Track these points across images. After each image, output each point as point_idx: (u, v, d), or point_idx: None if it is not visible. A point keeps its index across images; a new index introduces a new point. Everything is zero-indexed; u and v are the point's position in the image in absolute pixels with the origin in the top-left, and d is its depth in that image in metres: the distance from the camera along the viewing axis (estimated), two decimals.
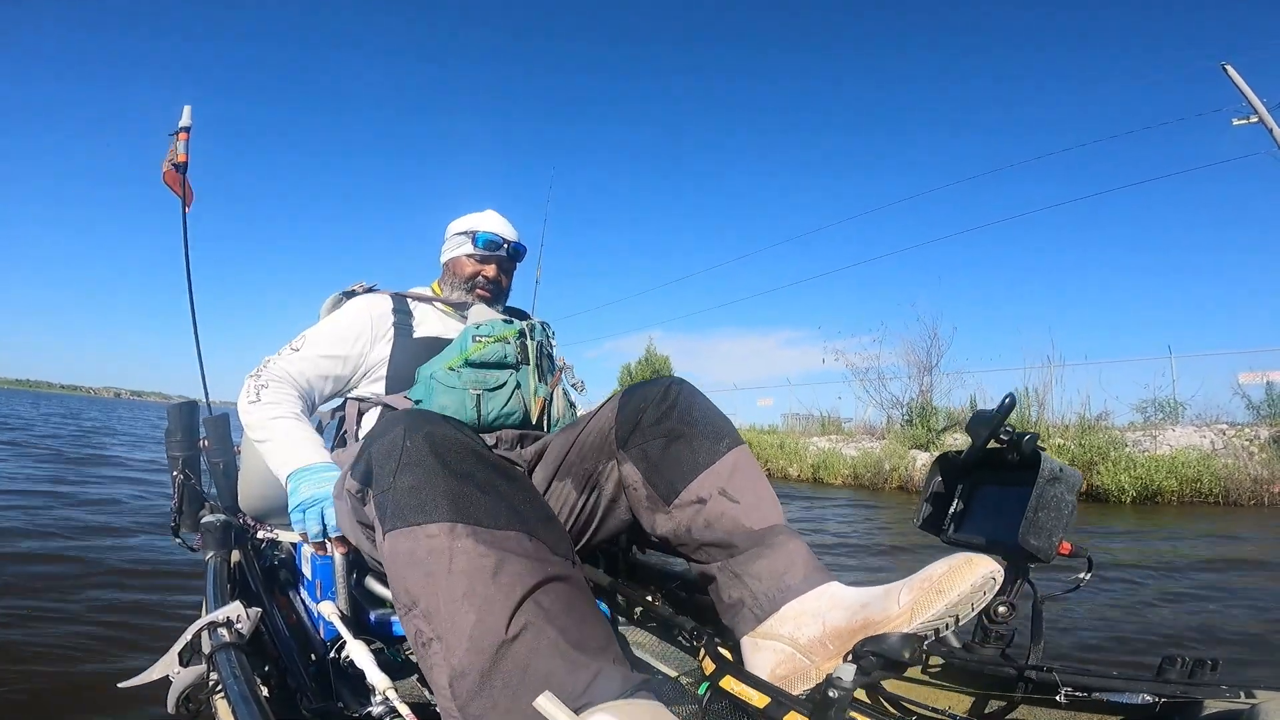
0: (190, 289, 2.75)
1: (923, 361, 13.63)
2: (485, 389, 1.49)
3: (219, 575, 1.52)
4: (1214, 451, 8.99)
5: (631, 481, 1.22)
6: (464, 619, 0.80)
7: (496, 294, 1.77)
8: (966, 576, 0.91)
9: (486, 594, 0.81)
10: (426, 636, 0.82)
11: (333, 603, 1.21)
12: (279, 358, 1.53)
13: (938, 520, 1.24)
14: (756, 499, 1.13)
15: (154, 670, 1.17)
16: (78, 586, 2.98)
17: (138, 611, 2.74)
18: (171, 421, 2.07)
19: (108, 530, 4.26)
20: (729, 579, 1.09)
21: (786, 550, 1.06)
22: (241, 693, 0.91)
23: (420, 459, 0.91)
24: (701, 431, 1.19)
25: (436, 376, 1.49)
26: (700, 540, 1.12)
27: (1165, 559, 4.57)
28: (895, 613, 0.91)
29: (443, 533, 0.85)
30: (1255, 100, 11.94)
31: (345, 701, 1.12)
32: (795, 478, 12.37)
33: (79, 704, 1.95)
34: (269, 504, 1.85)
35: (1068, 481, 1.02)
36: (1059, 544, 1.02)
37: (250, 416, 1.43)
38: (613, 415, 1.28)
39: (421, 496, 0.88)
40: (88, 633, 2.46)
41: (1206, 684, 0.91)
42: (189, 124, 2.64)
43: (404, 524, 0.87)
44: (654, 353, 20.32)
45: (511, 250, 1.78)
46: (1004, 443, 1.09)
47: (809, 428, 15.63)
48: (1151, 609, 3.14)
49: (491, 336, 1.56)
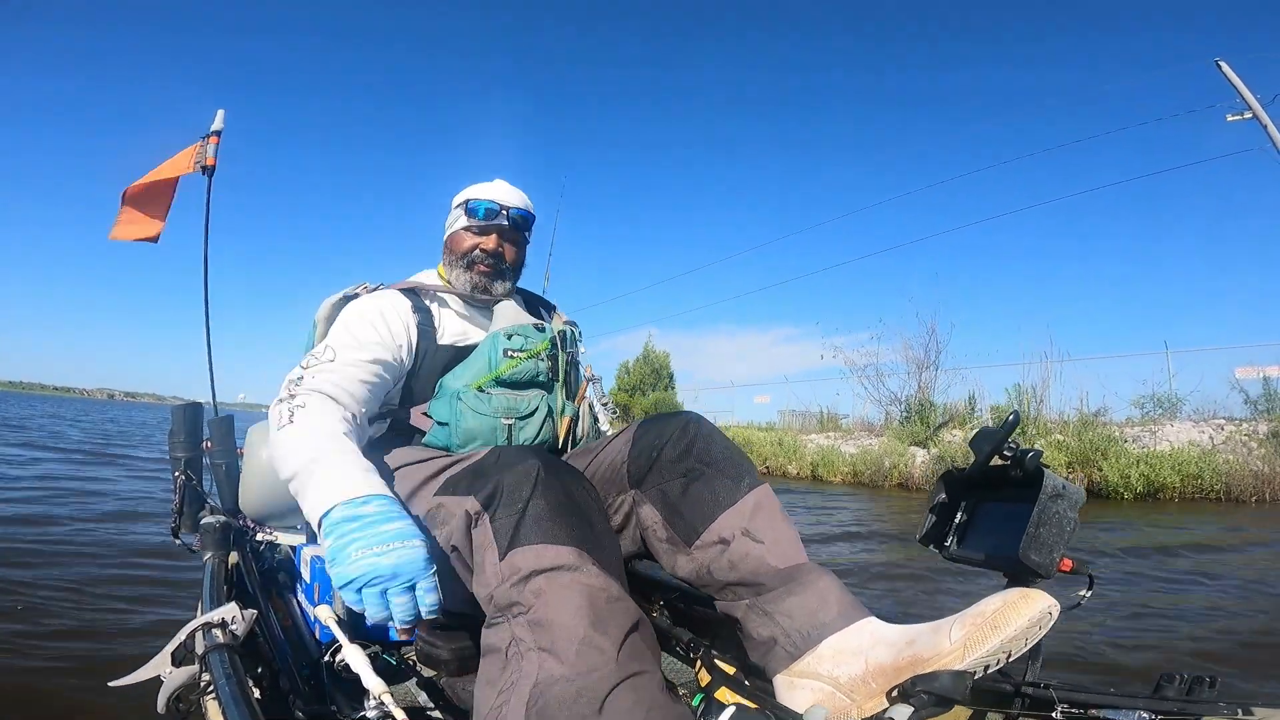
0: (206, 293, 2.75)
1: (921, 358, 13.59)
2: (517, 417, 1.40)
3: (216, 576, 1.52)
4: (1214, 447, 8.95)
5: (650, 523, 1.20)
6: (575, 631, 0.85)
7: (497, 269, 1.52)
8: (1023, 612, 0.87)
9: (601, 616, 0.87)
10: (526, 645, 0.86)
11: (329, 606, 1.21)
12: (309, 373, 1.24)
13: (940, 535, 1.23)
14: (780, 538, 1.10)
15: (146, 669, 1.16)
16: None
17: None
18: (175, 422, 2.07)
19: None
20: (758, 617, 1.05)
21: (818, 587, 1.03)
22: (232, 694, 0.91)
23: (554, 490, 0.98)
24: (721, 471, 1.16)
25: (463, 397, 1.37)
26: (724, 581, 1.10)
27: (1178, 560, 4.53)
28: (946, 649, 0.88)
29: (572, 556, 0.92)
30: (1249, 96, 11.96)
31: (339, 706, 1.11)
32: (794, 476, 12.29)
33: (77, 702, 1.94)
34: (270, 506, 1.85)
35: (1070, 498, 1.01)
36: (1060, 560, 1.01)
37: (284, 441, 1.11)
38: (625, 449, 1.25)
39: (556, 522, 0.94)
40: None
41: (1205, 701, 0.90)
42: (221, 128, 2.64)
43: (537, 542, 0.93)
44: (652, 350, 20.28)
45: (514, 217, 1.52)
46: (1007, 459, 1.08)
47: (806, 425, 15.57)
48: (1153, 618, 3.11)
49: (525, 353, 1.44)
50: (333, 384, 1.22)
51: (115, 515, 4.76)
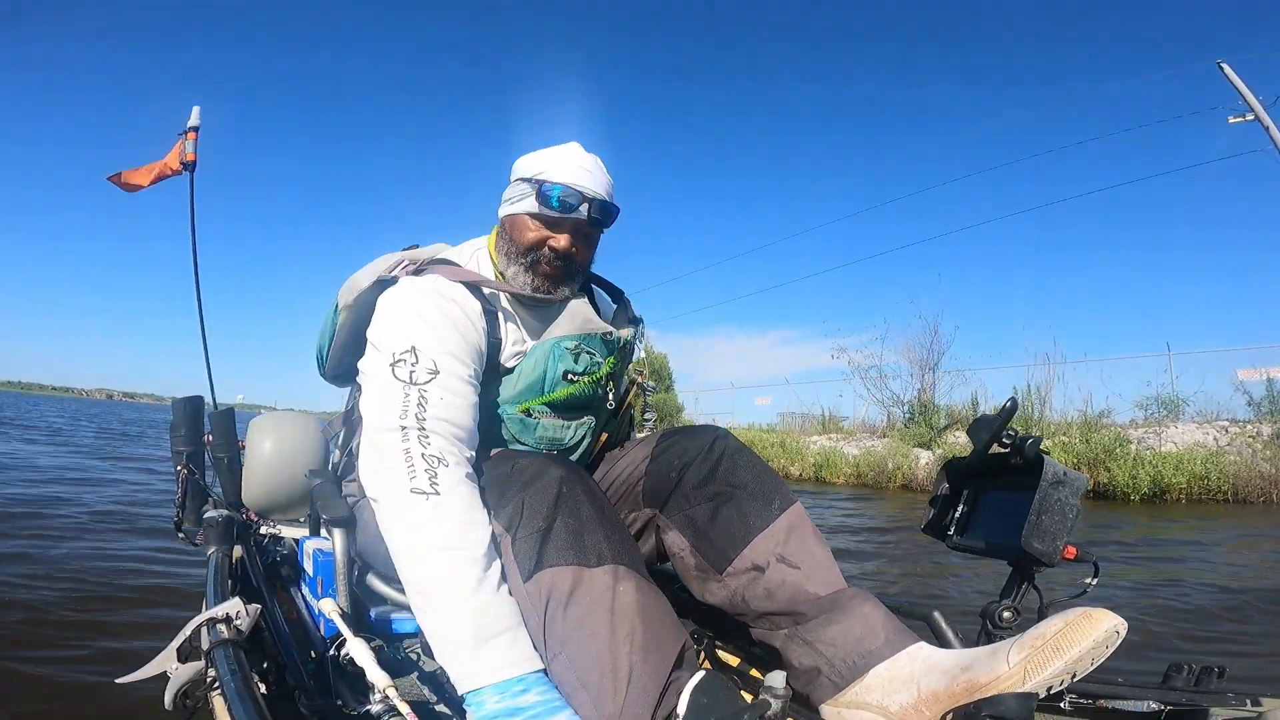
0: (197, 285, 2.75)
1: (924, 359, 13.59)
2: (561, 448, 1.23)
3: (220, 571, 1.53)
4: (1220, 449, 8.94)
5: (678, 550, 1.15)
6: (623, 663, 0.83)
7: (567, 272, 1.23)
8: (1088, 633, 0.82)
9: (646, 641, 0.85)
10: (571, 687, 0.85)
11: (333, 600, 1.21)
12: (420, 391, 1.01)
13: (943, 525, 1.23)
14: (817, 563, 1.06)
15: (152, 666, 1.17)
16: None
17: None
18: (176, 417, 2.07)
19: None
20: (800, 646, 1.00)
21: (862, 614, 0.98)
22: (238, 689, 0.91)
23: (580, 506, 0.94)
24: (750, 492, 1.10)
25: (506, 419, 1.20)
26: (761, 610, 1.05)
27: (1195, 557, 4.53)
28: (1005, 673, 0.83)
29: (605, 576, 0.89)
30: (1251, 98, 11.87)
31: (344, 699, 1.11)
32: (797, 477, 12.26)
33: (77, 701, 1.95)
34: (273, 500, 1.84)
35: (1071, 485, 1.01)
36: (1063, 548, 1.00)
37: (422, 528, 0.92)
38: (643, 464, 1.20)
39: (582, 540, 0.91)
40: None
41: (1213, 691, 0.90)
42: (198, 124, 2.65)
43: (566, 562, 0.90)
44: (651, 351, 20.30)
45: (597, 212, 1.20)
46: (1007, 447, 1.08)
47: (807, 426, 15.54)
48: (1163, 611, 3.12)
49: (589, 377, 1.22)
50: (456, 418, 1.02)
51: (120, 514, 4.78)
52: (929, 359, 13.51)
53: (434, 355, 1.05)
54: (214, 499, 2.01)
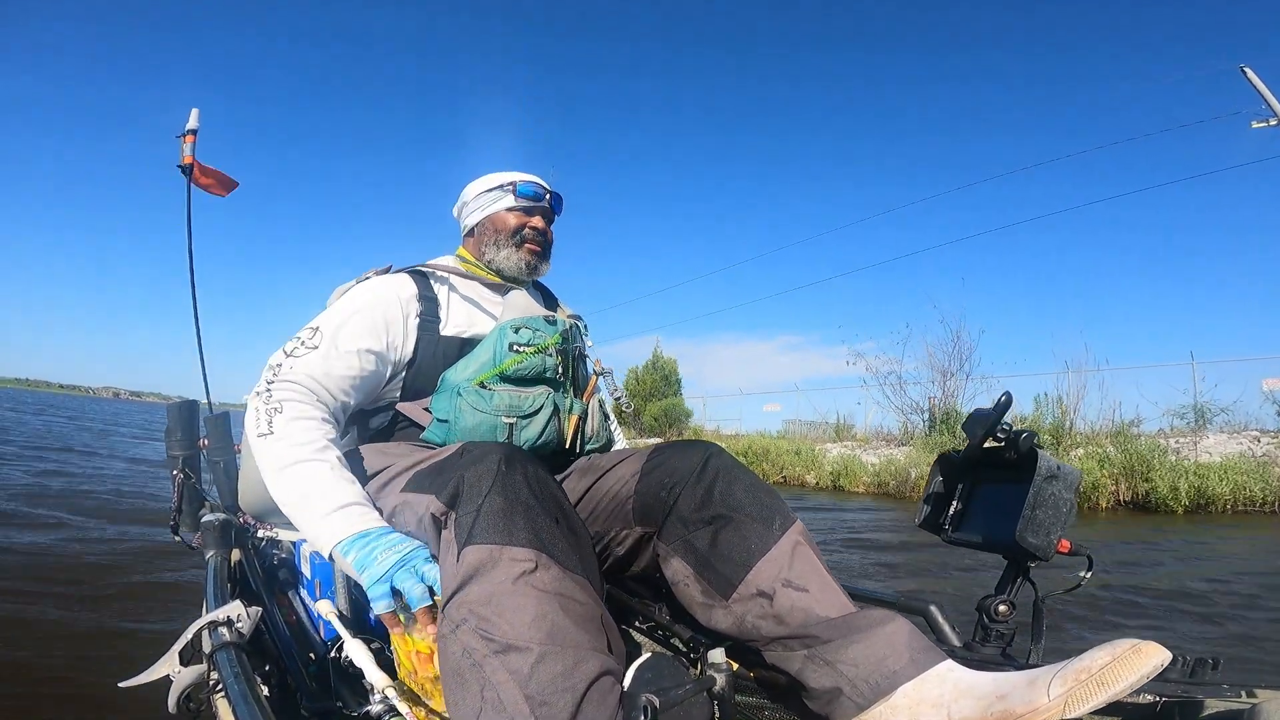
0: (193, 287, 2.74)
1: (945, 366, 13.25)
2: (520, 415, 1.32)
3: (219, 574, 1.53)
4: (1265, 458, 8.72)
5: (681, 578, 1.13)
6: (533, 635, 0.82)
7: (546, 249, 1.55)
8: (1136, 669, 0.77)
9: (559, 623, 0.84)
10: (480, 655, 0.83)
11: (331, 601, 1.22)
12: (290, 360, 1.22)
13: (939, 519, 1.24)
14: (824, 584, 1.04)
15: (155, 669, 1.17)
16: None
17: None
18: (171, 420, 2.07)
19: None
20: (819, 667, 0.96)
21: (884, 631, 0.94)
22: (242, 692, 0.91)
23: (515, 488, 0.95)
24: (750, 515, 1.09)
25: (464, 393, 1.31)
26: (772, 635, 1.02)
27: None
28: (1044, 705, 0.79)
29: (528, 558, 0.88)
30: (1275, 102, 11.85)
31: (345, 701, 1.12)
32: (814, 485, 12.04)
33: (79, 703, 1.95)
34: (269, 503, 1.83)
35: (1065, 479, 1.01)
36: (1058, 542, 1.01)
37: (266, 456, 1.14)
38: (633, 480, 1.19)
39: (512, 521, 0.91)
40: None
41: (1208, 683, 0.91)
42: (196, 127, 2.64)
43: (491, 541, 0.90)
44: (660, 355, 20.28)
45: (554, 201, 1.57)
46: (1001, 441, 1.09)
47: (819, 434, 15.32)
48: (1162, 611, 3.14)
49: (533, 348, 1.36)
50: (315, 375, 1.21)
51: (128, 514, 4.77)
52: (951, 365, 13.21)
53: (325, 333, 1.27)
54: (210, 503, 2.01)
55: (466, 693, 0.82)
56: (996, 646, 1.10)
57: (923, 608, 1.27)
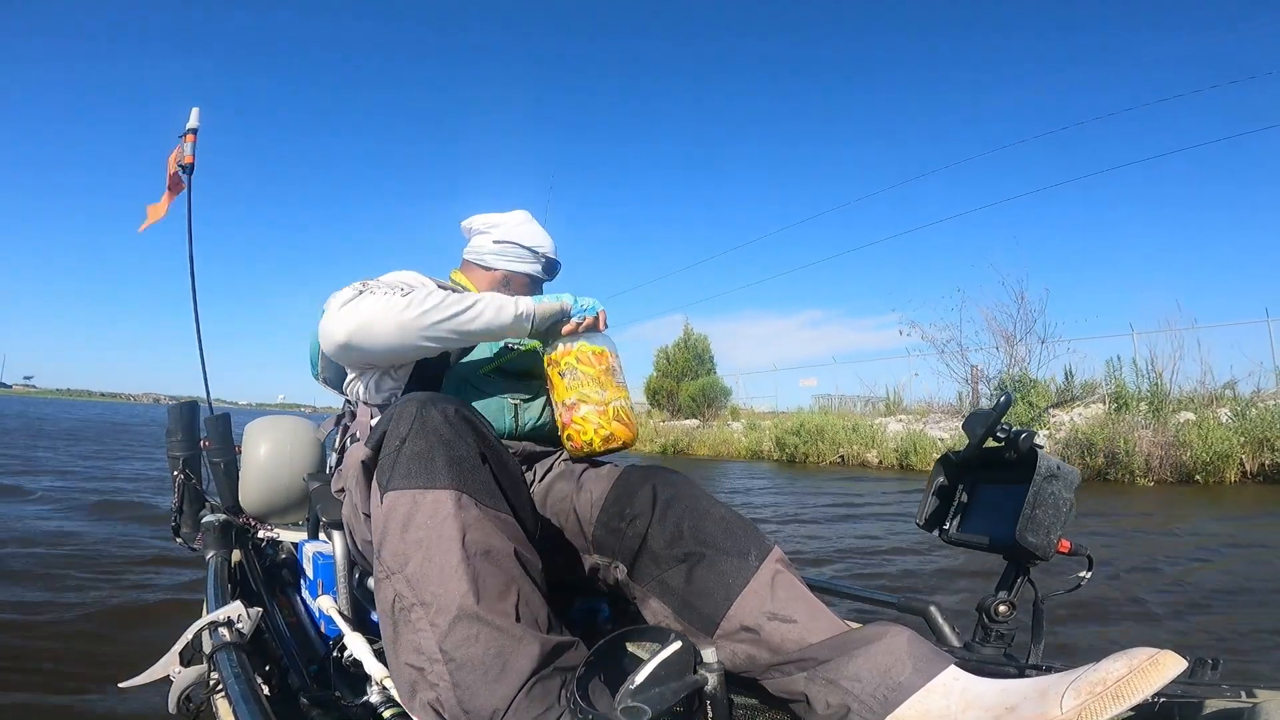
0: (194, 290, 2.74)
1: (1010, 331, 11.91)
2: (522, 399, 1.43)
3: (220, 575, 1.53)
4: None
5: (661, 618, 1.11)
6: (455, 587, 0.82)
7: None
8: (1153, 681, 0.74)
9: (480, 569, 0.84)
10: (408, 601, 0.84)
11: (331, 598, 1.22)
12: (371, 284, 1.29)
13: (940, 519, 1.24)
14: (811, 612, 1.02)
15: (155, 670, 1.17)
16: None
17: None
18: (172, 421, 2.07)
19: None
20: (823, 686, 0.94)
21: (885, 643, 0.92)
22: (242, 692, 0.91)
23: (434, 429, 0.93)
24: (723, 549, 1.07)
25: (471, 381, 1.40)
26: (768, 664, 1.01)
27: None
28: (1056, 717, 0.75)
29: (446, 499, 0.88)
30: None
31: (345, 699, 1.12)
32: (876, 465, 11.08)
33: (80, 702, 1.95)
34: (270, 503, 1.85)
35: (1065, 479, 1.02)
36: (1058, 542, 1.02)
37: (397, 309, 1.19)
38: (599, 505, 1.20)
39: (429, 463, 0.90)
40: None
41: (1207, 683, 0.91)
42: (196, 126, 2.64)
43: (407, 486, 0.89)
44: (691, 333, 19.81)
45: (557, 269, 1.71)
46: (1001, 440, 1.09)
47: (864, 408, 14.25)
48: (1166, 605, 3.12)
49: (525, 346, 1.47)
50: (391, 283, 1.30)
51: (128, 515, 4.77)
52: (1018, 329, 11.88)
53: (383, 279, 1.34)
54: (211, 503, 2.01)
55: (398, 635, 0.85)
56: (997, 647, 1.10)
57: (922, 608, 1.27)
